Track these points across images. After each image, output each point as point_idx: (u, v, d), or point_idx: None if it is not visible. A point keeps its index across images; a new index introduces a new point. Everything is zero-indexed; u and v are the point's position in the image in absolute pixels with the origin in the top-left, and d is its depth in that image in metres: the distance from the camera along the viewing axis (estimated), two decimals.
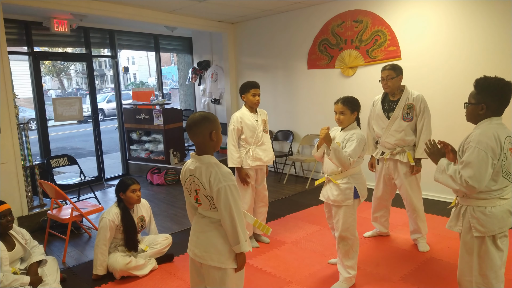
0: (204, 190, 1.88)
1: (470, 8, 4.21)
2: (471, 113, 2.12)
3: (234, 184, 1.88)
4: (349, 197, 2.70)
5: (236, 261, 1.92)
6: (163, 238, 3.42)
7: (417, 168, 3.27)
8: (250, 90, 3.46)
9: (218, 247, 1.90)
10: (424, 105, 3.22)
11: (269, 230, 2.21)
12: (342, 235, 2.75)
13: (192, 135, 1.90)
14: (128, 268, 3.08)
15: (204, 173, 1.86)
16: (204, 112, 1.93)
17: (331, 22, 5.45)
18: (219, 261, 1.90)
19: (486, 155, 1.94)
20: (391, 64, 3.28)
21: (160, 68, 7.54)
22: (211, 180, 1.84)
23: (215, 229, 1.92)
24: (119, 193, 3.22)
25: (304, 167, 6.19)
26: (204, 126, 1.87)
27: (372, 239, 3.67)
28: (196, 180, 1.90)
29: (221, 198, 1.83)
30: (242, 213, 1.93)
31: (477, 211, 2.05)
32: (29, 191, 4.41)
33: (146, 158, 6.65)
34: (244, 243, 1.88)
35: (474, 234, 2.06)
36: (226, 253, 1.90)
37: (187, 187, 2.00)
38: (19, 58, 9.38)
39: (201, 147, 1.92)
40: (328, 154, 2.66)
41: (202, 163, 1.89)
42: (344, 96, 2.75)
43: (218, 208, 1.86)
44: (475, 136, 2.00)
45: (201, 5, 5.26)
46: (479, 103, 2.05)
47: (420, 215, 3.37)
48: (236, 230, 1.85)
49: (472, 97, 2.10)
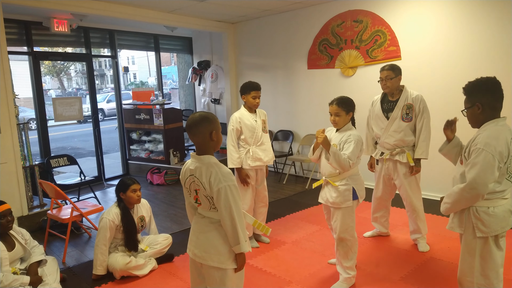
0: (204, 190, 1.88)
1: (470, 8, 4.21)
2: (471, 117, 2.12)
3: (234, 184, 1.88)
4: (348, 198, 2.69)
5: (236, 261, 1.92)
6: (163, 238, 3.42)
7: (416, 169, 3.26)
8: (251, 92, 3.46)
9: (218, 247, 1.90)
10: (424, 105, 3.21)
11: (269, 231, 2.21)
12: (341, 236, 2.74)
13: (192, 135, 1.90)
14: (128, 268, 3.08)
15: (204, 173, 1.86)
16: (204, 112, 1.93)
17: (331, 22, 5.45)
18: (219, 262, 1.90)
19: (493, 158, 1.93)
20: (390, 64, 3.27)
21: (160, 68, 7.54)
22: (211, 180, 1.83)
23: (215, 229, 1.92)
24: (119, 193, 3.22)
25: (304, 167, 6.19)
26: (204, 126, 1.87)
27: (372, 239, 3.67)
28: (196, 180, 1.90)
29: (221, 198, 1.82)
30: (242, 214, 1.93)
31: (480, 211, 2.04)
32: (29, 191, 4.41)
33: (146, 158, 6.65)
34: (244, 243, 1.87)
35: (478, 234, 2.05)
36: (226, 253, 1.90)
37: (187, 187, 2.00)
38: (19, 58, 9.39)
39: (201, 147, 1.92)
40: (327, 158, 2.65)
41: (202, 163, 1.89)
42: (339, 97, 2.73)
43: (218, 208, 1.86)
44: (482, 138, 1.99)
45: (201, 5, 5.26)
46: (473, 103, 2.06)
47: (419, 215, 3.36)
48: (236, 230, 1.85)
49: (466, 102, 2.12)
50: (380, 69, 3.28)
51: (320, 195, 2.87)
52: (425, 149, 3.20)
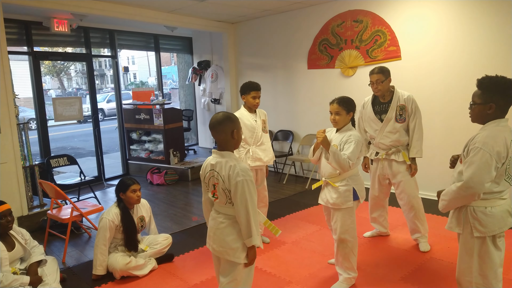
0: (222, 183, 2.00)
1: (470, 8, 4.21)
2: (478, 114, 2.07)
3: (252, 180, 2.00)
4: (348, 199, 2.68)
5: (248, 256, 2.05)
6: (163, 238, 3.42)
7: (414, 167, 3.27)
8: (250, 92, 3.45)
9: (231, 243, 2.03)
10: (415, 105, 3.21)
11: (278, 232, 2.29)
12: (341, 237, 2.73)
13: (215, 133, 2.05)
14: (128, 268, 3.08)
15: (224, 167, 1.99)
16: (226, 112, 2.08)
17: (331, 22, 5.45)
18: (233, 256, 2.03)
19: (490, 158, 1.92)
20: (379, 67, 3.22)
21: (160, 68, 7.54)
22: (231, 174, 1.96)
23: (230, 225, 2.05)
24: (119, 193, 3.22)
25: (304, 167, 6.19)
26: (226, 125, 2.02)
27: (372, 239, 3.67)
28: (216, 174, 2.03)
29: (238, 191, 1.95)
30: (256, 209, 2.04)
31: (477, 211, 2.04)
32: (29, 191, 4.41)
33: (146, 158, 6.65)
34: (256, 236, 2.00)
35: (475, 234, 2.05)
36: (239, 248, 2.03)
37: (206, 182, 2.13)
38: (19, 58, 9.41)
39: (222, 144, 2.06)
40: (327, 158, 2.64)
41: (223, 158, 2.03)
42: (340, 97, 2.73)
43: (234, 201, 1.98)
44: (481, 138, 1.98)
45: (201, 5, 5.26)
46: (487, 102, 2.00)
47: (418, 213, 3.34)
48: (249, 224, 1.96)
49: (478, 97, 2.05)
50: (370, 73, 3.24)
51: (320, 196, 2.86)
52: (419, 148, 3.23)
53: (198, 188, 5.82)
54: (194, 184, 6.04)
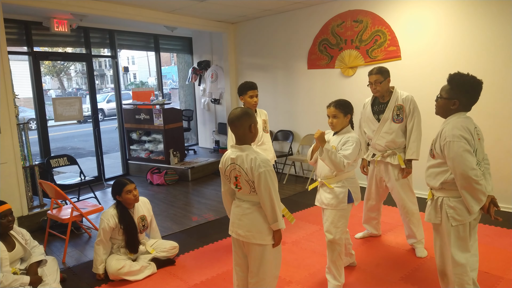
0: (245, 175, 2.11)
1: (470, 8, 4.21)
2: (442, 107, 2.19)
3: (272, 169, 2.12)
4: (343, 201, 2.67)
5: (274, 238, 2.17)
6: (171, 246, 3.36)
7: (407, 170, 3.20)
8: (247, 92, 3.43)
9: (259, 226, 2.15)
10: (414, 105, 3.14)
11: (293, 220, 2.39)
12: (330, 238, 2.69)
13: (234, 127, 2.16)
14: (119, 274, 3.04)
15: (246, 160, 2.10)
16: (244, 108, 2.20)
17: (331, 22, 5.45)
18: (260, 239, 2.15)
19: (465, 143, 2.02)
20: (378, 67, 3.18)
21: (160, 68, 7.54)
22: (253, 166, 2.07)
23: (256, 211, 2.17)
24: (115, 196, 3.20)
25: (304, 167, 6.20)
26: (245, 120, 2.13)
27: (372, 239, 3.67)
28: (237, 167, 2.14)
29: (262, 181, 2.06)
30: (278, 195, 2.16)
31: (453, 201, 2.13)
32: (29, 191, 4.41)
33: (146, 158, 6.65)
34: (281, 220, 2.14)
35: (452, 223, 2.13)
36: (265, 231, 2.16)
37: (226, 175, 2.23)
38: (19, 58, 9.39)
39: (241, 138, 2.18)
40: (320, 154, 2.61)
41: (243, 152, 2.14)
42: (336, 100, 2.72)
43: (258, 191, 2.09)
44: (448, 131, 2.08)
45: (201, 5, 5.26)
46: (452, 98, 2.12)
47: (412, 219, 3.27)
48: (274, 210, 2.10)
49: (445, 91, 2.16)
50: (368, 73, 3.21)
51: (316, 197, 2.85)
52: (416, 150, 3.15)
53: (198, 188, 5.82)
54: (194, 184, 6.04)
